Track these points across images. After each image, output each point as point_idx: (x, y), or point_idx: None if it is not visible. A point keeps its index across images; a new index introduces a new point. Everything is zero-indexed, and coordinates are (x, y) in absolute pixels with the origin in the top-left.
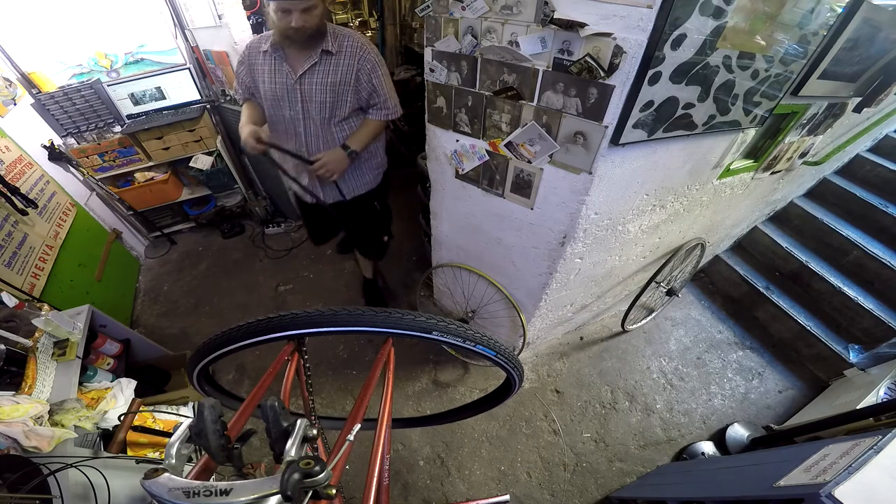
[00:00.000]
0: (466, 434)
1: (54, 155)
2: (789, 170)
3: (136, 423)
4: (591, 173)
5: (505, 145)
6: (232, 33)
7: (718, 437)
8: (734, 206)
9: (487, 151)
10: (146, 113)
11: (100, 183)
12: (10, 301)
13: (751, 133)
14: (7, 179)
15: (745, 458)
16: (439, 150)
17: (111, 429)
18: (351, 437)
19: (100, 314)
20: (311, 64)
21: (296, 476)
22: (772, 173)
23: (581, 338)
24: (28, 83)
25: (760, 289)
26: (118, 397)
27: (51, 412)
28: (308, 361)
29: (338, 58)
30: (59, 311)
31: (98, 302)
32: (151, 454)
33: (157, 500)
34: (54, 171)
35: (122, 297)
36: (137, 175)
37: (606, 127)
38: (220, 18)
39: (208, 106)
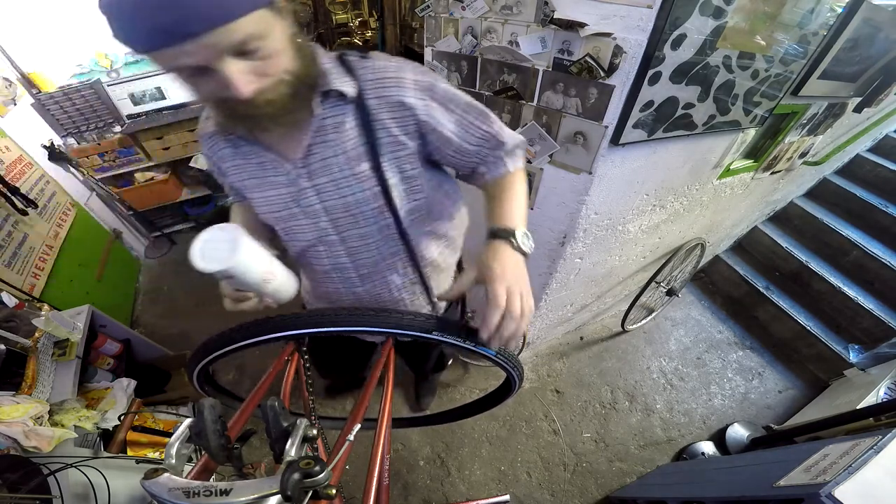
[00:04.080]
0: (466, 434)
1: (54, 155)
2: (789, 170)
3: (136, 423)
4: (591, 173)
5: None
6: None
7: (718, 437)
8: (734, 206)
9: None
10: (146, 113)
11: (100, 183)
12: (10, 301)
13: (751, 133)
14: (7, 179)
15: (745, 458)
16: None
17: (111, 429)
18: (351, 437)
19: (100, 314)
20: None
21: (296, 476)
22: (772, 173)
23: (581, 338)
24: (28, 83)
25: (760, 289)
26: (118, 397)
27: (51, 412)
28: (308, 361)
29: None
30: (59, 311)
31: (98, 302)
32: (151, 454)
33: (156, 500)
34: (54, 171)
35: (122, 297)
36: (137, 175)
37: (606, 127)
38: None
39: None
